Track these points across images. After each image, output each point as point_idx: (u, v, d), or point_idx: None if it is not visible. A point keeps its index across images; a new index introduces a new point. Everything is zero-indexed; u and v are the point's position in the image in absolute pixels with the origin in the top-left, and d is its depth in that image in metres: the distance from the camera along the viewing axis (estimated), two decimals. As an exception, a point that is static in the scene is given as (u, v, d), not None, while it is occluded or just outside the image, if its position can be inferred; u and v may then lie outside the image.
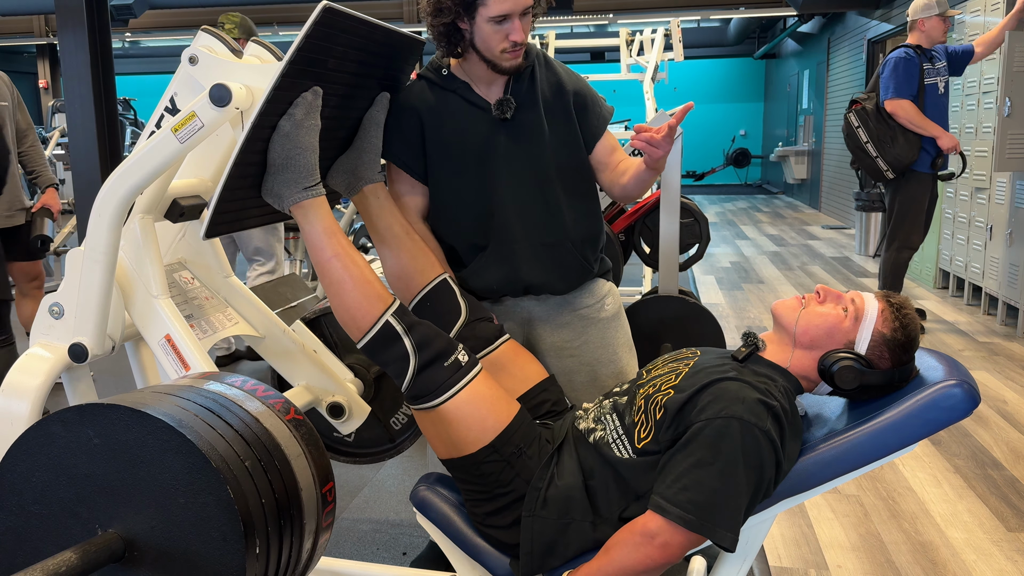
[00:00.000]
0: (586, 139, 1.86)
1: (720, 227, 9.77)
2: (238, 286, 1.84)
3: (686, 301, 3.27)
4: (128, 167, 1.44)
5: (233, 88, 1.37)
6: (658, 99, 5.84)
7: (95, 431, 1.09)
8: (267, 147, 1.49)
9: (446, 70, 1.80)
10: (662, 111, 3.23)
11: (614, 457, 1.47)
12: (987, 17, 4.81)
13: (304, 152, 1.49)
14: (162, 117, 1.51)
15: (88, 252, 1.49)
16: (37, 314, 1.58)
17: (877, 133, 4.34)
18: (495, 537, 1.55)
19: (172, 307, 1.59)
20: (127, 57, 16.70)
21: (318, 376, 1.89)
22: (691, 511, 1.31)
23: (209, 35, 1.48)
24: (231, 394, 1.19)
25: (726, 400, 1.36)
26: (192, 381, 1.23)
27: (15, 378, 1.51)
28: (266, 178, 1.53)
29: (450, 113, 1.78)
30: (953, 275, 5.49)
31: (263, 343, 1.86)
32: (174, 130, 1.40)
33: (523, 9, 1.66)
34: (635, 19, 11.81)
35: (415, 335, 1.52)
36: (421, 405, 1.53)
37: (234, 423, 1.13)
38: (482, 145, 1.79)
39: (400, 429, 2.16)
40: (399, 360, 1.51)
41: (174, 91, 1.49)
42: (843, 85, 10.26)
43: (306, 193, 1.52)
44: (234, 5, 12.61)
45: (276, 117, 1.44)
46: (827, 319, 1.49)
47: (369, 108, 1.74)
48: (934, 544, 2.31)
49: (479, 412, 1.52)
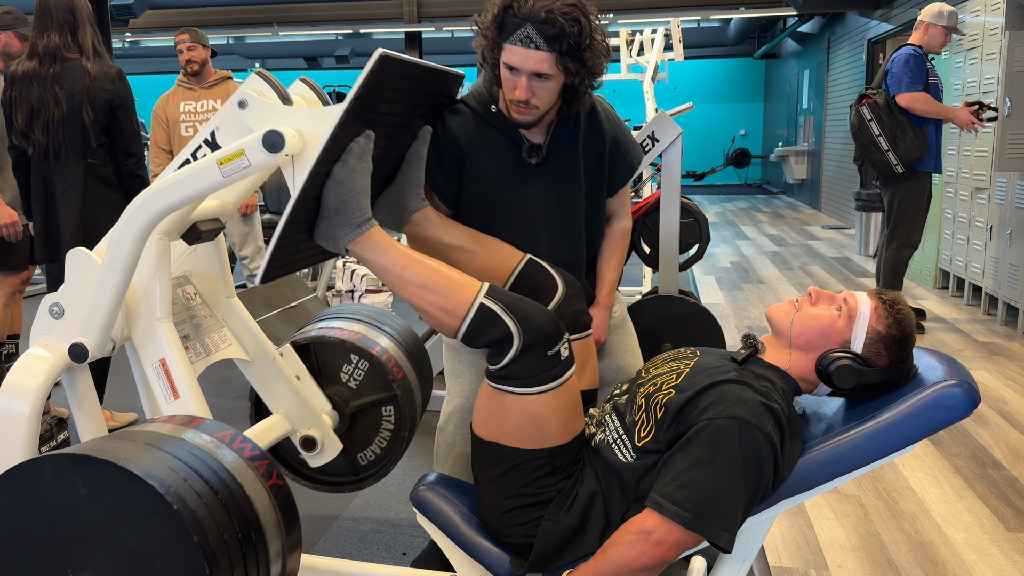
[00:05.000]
0: (610, 185, 1.91)
1: (720, 227, 9.77)
2: (238, 307, 1.86)
3: (686, 301, 3.27)
4: (165, 187, 1.44)
5: (287, 135, 1.37)
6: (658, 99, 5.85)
7: (83, 481, 1.12)
8: (320, 193, 1.48)
9: (495, 107, 1.78)
10: (662, 111, 3.23)
11: (616, 461, 1.48)
12: (987, 17, 4.81)
13: (357, 195, 1.47)
14: (199, 148, 1.51)
15: (108, 260, 1.49)
16: (37, 314, 1.58)
17: (890, 127, 4.37)
18: (501, 532, 1.54)
19: (173, 332, 1.59)
20: (127, 57, 16.71)
21: (297, 406, 1.93)
22: (689, 509, 1.30)
23: (260, 79, 1.48)
24: (220, 455, 1.20)
25: (728, 401, 1.36)
26: (186, 434, 1.24)
27: (15, 378, 1.51)
28: (319, 222, 1.50)
29: (491, 149, 1.78)
30: (953, 275, 5.48)
31: (251, 367, 1.89)
32: (219, 163, 1.40)
33: (532, 71, 1.62)
34: (635, 19, 11.82)
35: (518, 315, 1.43)
36: (504, 387, 1.46)
37: (220, 491, 1.15)
38: (517, 183, 1.80)
39: (366, 465, 2.17)
40: (501, 340, 1.42)
41: (216, 126, 1.49)
42: (843, 85, 10.25)
43: (359, 230, 1.49)
44: (234, 5, 12.63)
45: (330, 164, 1.44)
46: (821, 320, 1.49)
47: (412, 143, 1.73)
48: (934, 544, 2.31)
49: (556, 416, 1.47)
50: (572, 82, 1.67)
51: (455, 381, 1.95)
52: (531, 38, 1.58)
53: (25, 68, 2.86)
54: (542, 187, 1.80)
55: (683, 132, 3.17)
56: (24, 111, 2.85)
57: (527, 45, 1.59)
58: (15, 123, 2.88)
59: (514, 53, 1.61)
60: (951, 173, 5.41)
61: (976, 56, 4.97)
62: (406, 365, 2.13)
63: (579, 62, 1.62)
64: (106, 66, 2.90)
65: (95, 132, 2.87)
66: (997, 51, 4.61)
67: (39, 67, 2.84)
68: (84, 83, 2.83)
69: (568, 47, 1.59)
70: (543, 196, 1.81)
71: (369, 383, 2.10)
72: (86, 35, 2.89)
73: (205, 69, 4.31)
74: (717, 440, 1.33)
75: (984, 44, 4.84)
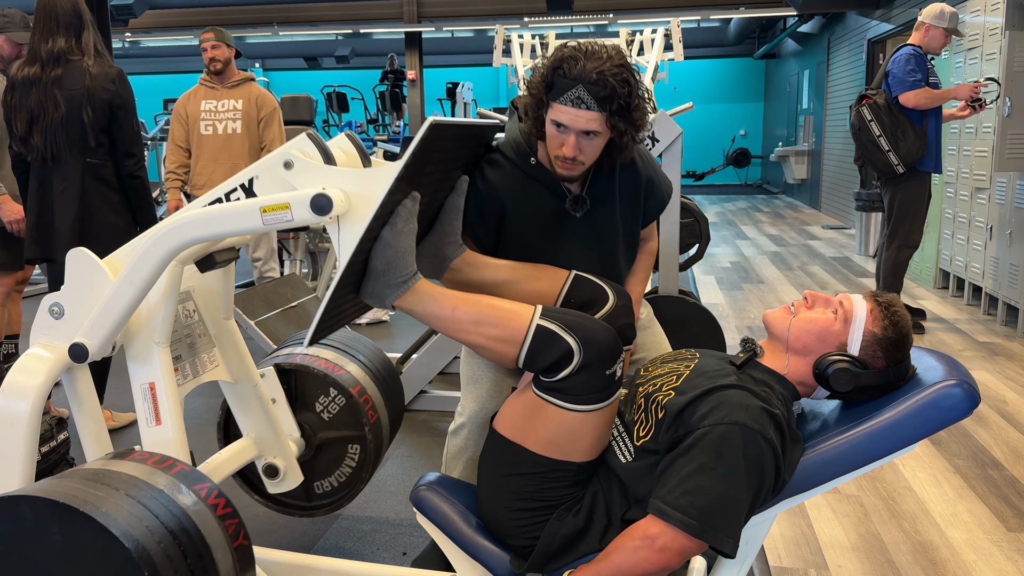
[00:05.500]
0: (644, 219, 1.97)
1: (720, 227, 9.77)
2: (232, 329, 1.88)
3: (686, 301, 3.27)
4: (203, 218, 1.45)
5: (334, 198, 1.39)
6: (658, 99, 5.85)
7: (60, 528, 1.18)
8: (367, 255, 1.49)
9: (534, 159, 1.80)
10: (662, 111, 3.23)
11: (616, 462, 1.48)
12: (987, 17, 4.81)
13: (403, 256, 1.47)
14: (234, 190, 1.52)
15: (129, 273, 1.49)
16: (37, 314, 1.58)
17: (891, 127, 4.37)
18: (502, 531, 1.54)
19: (167, 358, 1.62)
20: (127, 57, 16.70)
21: (267, 432, 1.97)
22: (693, 515, 1.31)
23: (308, 140, 1.49)
24: (195, 513, 1.29)
25: (729, 407, 1.37)
26: (164, 485, 1.31)
27: (15, 378, 1.51)
28: (366, 283, 1.50)
29: (533, 201, 1.81)
30: (953, 275, 5.48)
31: (232, 387, 1.92)
32: (263, 210, 1.42)
33: (582, 129, 1.64)
34: (635, 19, 11.82)
35: (577, 332, 1.42)
36: (553, 400, 1.44)
37: (189, 553, 1.23)
38: (557, 232, 1.83)
39: (320, 495, 2.20)
40: (563, 358, 1.41)
41: (255, 174, 1.50)
42: (843, 85, 10.25)
43: (406, 287, 1.49)
44: (234, 5, 12.63)
45: (378, 228, 1.46)
46: (816, 324, 1.49)
47: (450, 193, 1.75)
48: (934, 544, 2.31)
49: (592, 433, 1.46)
50: (618, 139, 1.70)
51: (473, 386, 1.96)
52: (582, 99, 1.60)
53: (26, 74, 2.85)
54: (582, 234, 1.84)
55: (683, 132, 3.17)
56: (24, 118, 2.85)
57: (578, 105, 1.61)
58: (15, 129, 2.88)
59: (564, 112, 1.63)
60: (951, 173, 5.42)
61: (976, 56, 4.97)
62: (381, 408, 2.17)
63: (628, 120, 1.66)
64: (107, 66, 2.90)
65: (94, 132, 2.87)
66: (997, 51, 4.61)
67: (40, 72, 2.83)
68: (85, 83, 2.83)
69: (618, 107, 1.62)
70: (582, 242, 1.85)
71: (342, 419, 2.14)
72: (89, 37, 2.89)
73: (228, 69, 4.28)
74: (720, 447, 1.33)
75: (984, 44, 4.84)
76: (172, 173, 4.31)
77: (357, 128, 11.14)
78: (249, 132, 4.23)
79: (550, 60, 1.64)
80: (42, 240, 2.94)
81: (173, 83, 18.02)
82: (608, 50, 1.62)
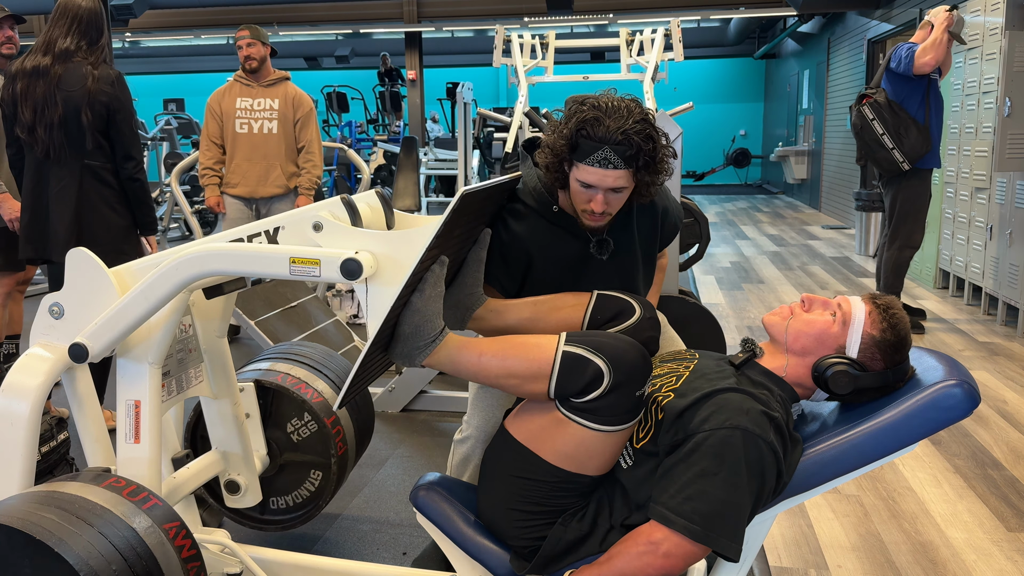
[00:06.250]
0: (660, 245, 1.99)
1: (720, 227, 9.77)
2: (223, 349, 1.90)
3: (686, 301, 3.27)
4: (232, 255, 1.47)
5: (364, 263, 1.41)
6: (658, 99, 5.85)
7: (31, 564, 1.20)
8: (397, 319, 1.48)
9: (556, 207, 1.81)
10: (662, 111, 3.23)
11: (619, 469, 1.49)
12: (987, 17, 4.81)
13: (432, 319, 1.47)
14: (258, 235, 1.54)
15: (144, 289, 1.51)
16: (37, 314, 1.58)
17: (893, 124, 4.36)
18: (502, 529, 1.54)
19: (157, 379, 1.64)
20: (127, 57, 16.71)
21: (236, 449, 1.99)
22: (696, 521, 1.31)
23: (340, 203, 1.51)
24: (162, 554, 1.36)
25: (729, 411, 1.37)
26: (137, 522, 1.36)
27: (15, 378, 1.51)
28: (394, 345, 1.50)
29: (557, 246, 1.82)
30: (953, 275, 5.48)
31: (212, 403, 1.93)
32: (292, 261, 1.45)
33: (609, 187, 1.65)
34: (635, 19, 11.82)
35: (605, 351, 1.39)
36: (578, 420, 1.41)
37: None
38: (581, 272, 1.85)
39: (274, 510, 2.20)
40: (593, 381, 1.38)
41: (283, 225, 1.52)
42: (843, 85, 10.25)
43: (434, 345, 1.48)
44: (234, 5, 12.63)
45: (408, 295, 1.46)
46: (815, 326, 1.49)
47: (473, 247, 1.75)
48: (934, 544, 2.31)
49: (610, 451, 1.45)
50: (644, 189, 1.72)
51: (481, 395, 1.97)
52: (609, 159, 1.61)
53: (36, 63, 2.84)
54: (605, 271, 1.86)
55: (683, 132, 3.17)
56: (30, 107, 2.84)
57: (605, 166, 1.62)
58: (21, 118, 2.87)
59: (592, 173, 1.64)
60: (951, 173, 5.42)
61: (976, 56, 4.97)
62: (351, 439, 2.18)
63: (653, 172, 1.68)
64: (106, 69, 2.90)
65: (92, 134, 2.87)
66: (997, 51, 4.61)
67: (50, 64, 2.83)
68: (86, 85, 2.83)
69: (644, 162, 1.63)
70: (605, 277, 1.86)
71: (310, 444, 2.15)
72: (101, 48, 2.91)
73: (264, 67, 4.23)
74: (722, 452, 1.33)
75: (984, 44, 4.84)
76: (209, 170, 4.23)
77: (357, 128, 11.15)
78: (285, 132, 4.20)
79: (572, 121, 1.64)
80: (37, 239, 2.93)
81: (173, 83, 18.02)
82: (628, 104, 1.64)
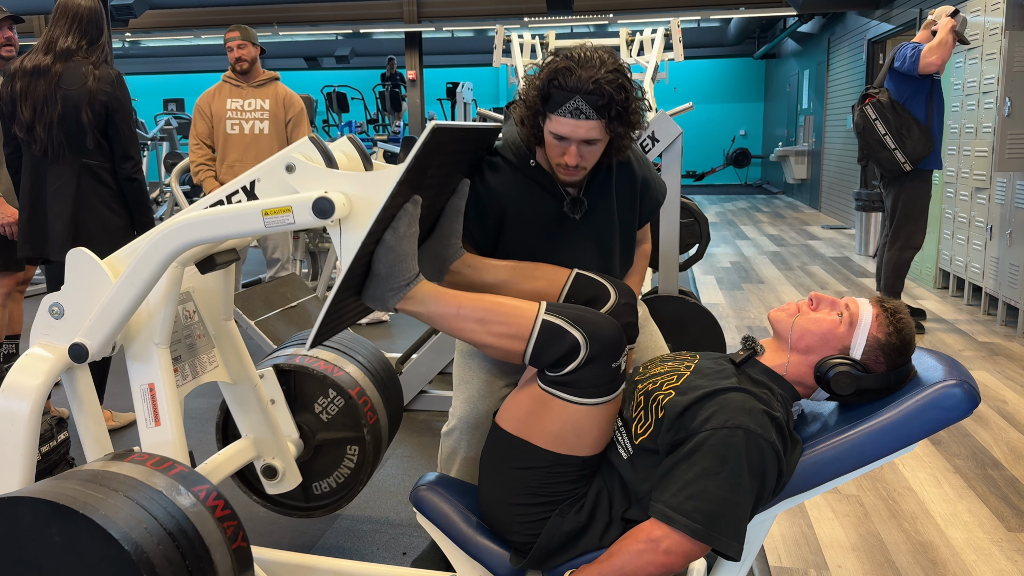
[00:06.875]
0: (639, 220, 1.98)
1: (720, 227, 9.77)
2: (232, 331, 1.88)
3: (686, 301, 3.28)
4: (203, 220, 1.45)
5: (336, 202, 1.39)
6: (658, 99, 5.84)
7: (59, 531, 1.18)
8: (370, 259, 1.49)
9: (533, 161, 1.81)
10: (662, 111, 3.23)
11: (618, 459, 1.49)
12: (987, 17, 4.81)
13: (406, 259, 1.48)
14: (236, 193, 1.52)
15: (130, 274, 1.50)
16: (37, 314, 1.58)
17: (895, 125, 4.36)
18: (503, 526, 1.54)
19: (167, 359, 1.62)
20: (127, 57, 16.70)
21: (266, 433, 1.97)
22: (698, 520, 1.31)
23: (310, 143, 1.49)
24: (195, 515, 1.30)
25: (731, 411, 1.37)
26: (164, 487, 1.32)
27: (15, 378, 1.51)
28: (368, 286, 1.51)
29: (533, 204, 1.82)
30: (953, 275, 5.48)
31: (231, 388, 1.92)
32: (264, 212, 1.42)
33: (582, 139, 1.65)
34: (635, 19, 11.82)
35: (583, 325, 1.43)
36: (558, 393, 1.45)
37: (188, 554, 1.24)
38: (556, 233, 1.84)
39: (319, 495, 2.20)
40: (570, 352, 1.42)
41: (257, 176, 1.50)
42: (843, 85, 10.25)
43: (408, 289, 1.49)
44: (234, 5, 12.63)
45: (380, 232, 1.46)
46: (821, 325, 1.50)
47: (452, 197, 1.75)
48: (934, 544, 2.31)
49: (597, 427, 1.47)
50: (617, 141, 1.71)
51: (463, 387, 1.97)
52: (581, 109, 1.61)
53: (36, 62, 2.84)
54: (580, 234, 1.86)
55: (683, 132, 3.17)
56: (30, 105, 2.84)
57: (577, 116, 1.62)
58: (20, 117, 2.87)
59: (564, 124, 1.63)
60: (951, 173, 5.41)
61: (976, 56, 4.97)
62: (380, 409, 2.17)
63: (626, 123, 1.67)
64: (106, 68, 2.90)
65: (92, 134, 2.87)
66: (997, 51, 4.61)
67: (51, 63, 2.83)
68: (86, 84, 2.83)
69: (616, 113, 1.62)
70: (581, 242, 1.86)
71: (340, 420, 2.14)
72: (101, 48, 2.91)
73: (254, 68, 4.25)
74: (724, 451, 1.33)
75: (984, 44, 4.84)
76: (203, 165, 4.24)
77: (357, 128, 11.15)
78: (277, 132, 4.22)
79: (544, 72, 1.64)
80: (34, 239, 2.93)
81: (173, 83, 18.02)
82: (601, 55, 1.63)
